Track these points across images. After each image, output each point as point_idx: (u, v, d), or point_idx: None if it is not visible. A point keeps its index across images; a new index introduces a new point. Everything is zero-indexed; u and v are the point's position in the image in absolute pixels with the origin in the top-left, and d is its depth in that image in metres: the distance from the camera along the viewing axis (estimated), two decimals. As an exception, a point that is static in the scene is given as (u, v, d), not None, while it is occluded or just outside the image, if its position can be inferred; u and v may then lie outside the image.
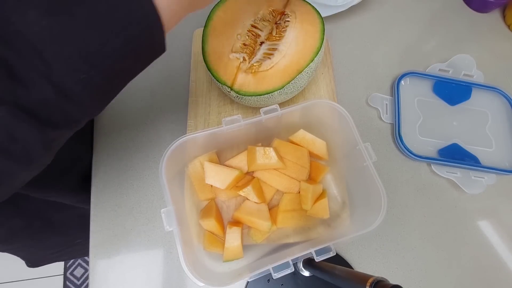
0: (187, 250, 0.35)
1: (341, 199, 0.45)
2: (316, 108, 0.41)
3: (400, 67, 0.55)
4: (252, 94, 0.42)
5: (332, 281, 0.32)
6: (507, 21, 0.61)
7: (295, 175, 0.44)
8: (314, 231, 0.43)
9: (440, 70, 0.55)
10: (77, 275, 1.24)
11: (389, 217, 0.47)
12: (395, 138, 0.50)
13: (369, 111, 0.53)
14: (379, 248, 0.46)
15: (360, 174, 0.40)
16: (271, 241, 0.43)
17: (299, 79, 0.43)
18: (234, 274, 0.38)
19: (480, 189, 0.48)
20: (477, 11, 0.61)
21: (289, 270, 0.35)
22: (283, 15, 0.46)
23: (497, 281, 0.46)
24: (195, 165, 0.43)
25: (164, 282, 0.43)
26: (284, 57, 0.43)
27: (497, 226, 0.48)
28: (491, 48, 0.59)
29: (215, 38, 0.44)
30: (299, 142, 0.44)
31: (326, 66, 0.52)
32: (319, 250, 0.35)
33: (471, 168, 0.49)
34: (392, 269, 0.45)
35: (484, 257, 0.47)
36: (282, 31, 0.45)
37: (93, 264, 0.43)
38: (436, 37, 0.59)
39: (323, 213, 0.42)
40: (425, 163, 0.50)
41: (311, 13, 0.45)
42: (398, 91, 0.52)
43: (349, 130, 0.39)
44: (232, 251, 0.40)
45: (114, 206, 0.45)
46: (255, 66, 0.44)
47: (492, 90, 0.54)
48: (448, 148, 0.50)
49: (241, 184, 0.43)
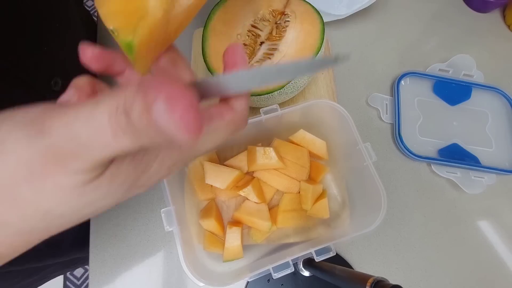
0: (187, 250, 0.35)
1: (341, 199, 0.45)
2: (316, 108, 0.41)
3: (400, 67, 0.55)
4: (252, 94, 0.42)
5: (332, 281, 0.32)
6: (507, 21, 0.61)
7: (295, 175, 0.44)
8: (314, 231, 0.43)
9: (440, 70, 0.55)
10: (77, 275, 1.23)
11: (389, 217, 0.47)
12: (395, 138, 0.50)
13: (369, 111, 0.53)
14: (379, 248, 0.46)
15: (360, 174, 0.40)
16: (271, 241, 0.43)
17: (299, 79, 0.43)
18: (234, 274, 0.38)
19: (480, 189, 0.48)
20: (477, 11, 0.61)
21: (289, 270, 0.35)
22: (283, 15, 0.46)
23: (497, 281, 0.46)
24: (195, 165, 0.43)
25: (164, 282, 0.43)
26: (284, 57, 0.43)
27: (497, 226, 0.48)
28: (491, 48, 0.59)
29: (215, 38, 0.44)
30: (299, 142, 0.44)
31: (326, 66, 0.52)
32: (319, 250, 0.35)
33: (471, 168, 0.49)
34: (392, 269, 0.45)
35: (484, 257, 0.47)
36: (282, 31, 0.45)
37: (93, 264, 0.43)
38: (436, 37, 0.59)
39: (323, 213, 0.42)
40: (425, 163, 0.50)
41: (311, 13, 0.45)
42: (398, 91, 0.52)
43: (349, 130, 0.39)
44: (232, 251, 0.40)
45: (114, 206, 0.45)
46: (255, 66, 0.44)
47: (492, 90, 0.54)
48: (448, 148, 0.50)
49: (241, 184, 0.43)
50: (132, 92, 0.13)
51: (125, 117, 0.13)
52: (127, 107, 0.13)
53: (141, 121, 0.13)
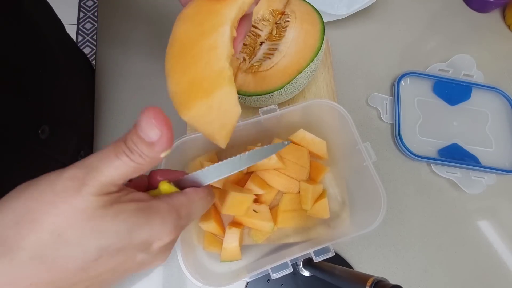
0: (187, 250, 0.35)
1: (341, 199, 0.45)
2: (316, 108, 0.41)
3: (400, 67, 0.55)
4: (252, 94, 0.42)
5: (332, 281, 0.32)
6: (507, 21, 0.61)
7: (295, 175, 0.44)
8: (314, 231, 0.43)
9: (440, 70, 0.55)
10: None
11: (389, 217, 0.47)
12: (395, 138, 0.50)
13: (369, 111, 0.53)
14: (379, 248, 0.46)
15: (360, 174, 0.40)
16: (271, 241, 0.43)
17: (299, 79, 0.43)
18: (233, 275, 0.38)
19: (480, 189, 0.48)
20: (477, 11, 0.61)
21: (288, 271, 0.35)
22: (283, 15, 0.46)
23: (497, 281, 0.46)
24: (195, 165, 0.43)
25: (164, 282, 0.43)
26: (284, 57, 0.43)
27: (497, 226, 0.48)
28: (491, 48, 0.59)
29: (215, 38, 0.44)
30: (299, 142, 0.44)
31: (326, 66, 0.52)
32: (318, 251, 0.35)
33: (471, 168, 0.49)
34: (392, 269, 0.45)
35: (484, 257, 0.47)
36: (282, 31, 0.45)
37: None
38: (436, 37, 0.59)
39: (323, 213, 0.42)
40: (425, 163, 0.50)
41: (311, 13, 0.45)
42: (398, 91, 0.52)
43: (349, 130, 0.39)
44: (230, 252, 0.40)
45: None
46: (255, 66, 0.44)
47: (492, 90, 0.54)
48: (448, 148, 0.50)
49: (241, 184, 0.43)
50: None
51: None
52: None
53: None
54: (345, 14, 0.53)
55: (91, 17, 1.55)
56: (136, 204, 0.19)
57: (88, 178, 0.18)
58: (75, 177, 0.18)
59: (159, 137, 0.19)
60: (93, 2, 1.59)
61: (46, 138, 0.37)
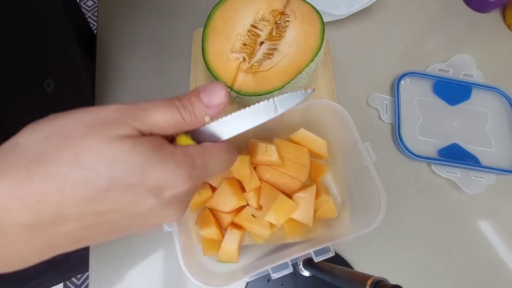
0: (186, 250, 0.35)
1: (341, 199, 0.45)
2: (316, 108, 0.41)
3: (400, 67, 0.55)
4: (252, 94, 0.42)
5: (332, 281, 0.32)
6: (507, 21, 0.61)
7: (295, 175, 0.43)
8: (314, 231, 0.43)
9: (440, 70, 0.55)
10: (77, 275, 1.23)
11: (389, 217, 0.47)
12: (395, 138, 0.50)
13: (369, 111, 0.53)
14: (379, 248, 0.46)
15: (360, 174, 0.40)
16: (272, 241, 0.43)
17: (299, 79, 0.43)
18: (233, 274, 0.38)
19: (480, 189, 0.48)
20: (477, 11, 0.61)
21: (288, 271, 0.35)
22: (283, 15, 0.46)
23: (497, 281, 0.46)
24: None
25: (164, 282, 0.43)
26: (284, 57, 0.43)
27: (497, 226, 0.48)
28: (491, 48, 0.59)
29: (215, 38, 0.44)
30: (300, 141, 0.44)
31: (326, 66, 0.52)
32: (318, 251, 0.35)
33: (471, 168, 0.49)
34: (392, 269, 0.45)
35: (484, 257, 0.47)
36: (282, 31, 0.45)
37: (93, 264, 0.43)
38: (436, 37, 0.59)
39: (331, 213, 0.42)
40: (425, 163, 0.50)
41: (311, 13, 0.45)
42: (398, 91, 0.52)
43: (349, 130, 0.39)
44: (228, 253, 0.40)
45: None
46: (255, 66, 0.44)
47: (492, 90, 0.54)
48: (448, 148, 0.50)
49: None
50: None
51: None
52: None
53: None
54: (345, 14, 0.53)
55: (91, 17, 1.55)
56: (153, 142, 0.19)
57: (136, 113, 0.19)
58: (121, 109, 0.18)
59: (218, 103, 0.21)
60: (93, 2, 1.59)
61: (51, 91, 0.39)
